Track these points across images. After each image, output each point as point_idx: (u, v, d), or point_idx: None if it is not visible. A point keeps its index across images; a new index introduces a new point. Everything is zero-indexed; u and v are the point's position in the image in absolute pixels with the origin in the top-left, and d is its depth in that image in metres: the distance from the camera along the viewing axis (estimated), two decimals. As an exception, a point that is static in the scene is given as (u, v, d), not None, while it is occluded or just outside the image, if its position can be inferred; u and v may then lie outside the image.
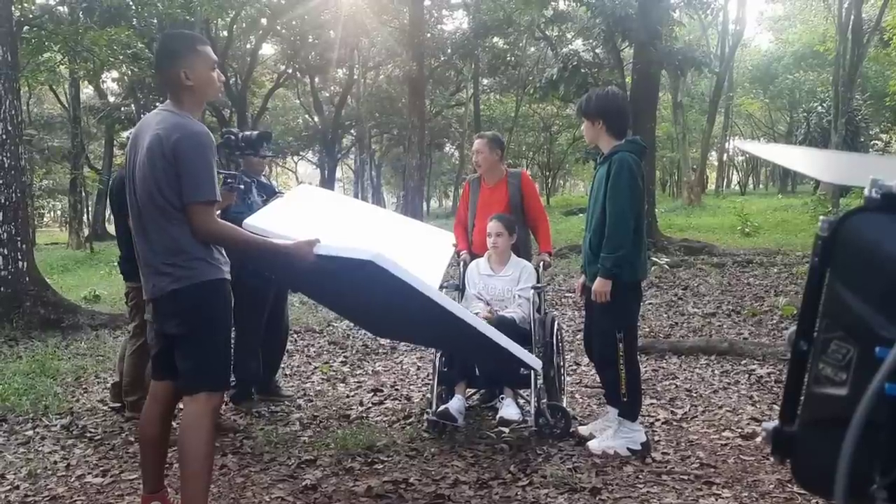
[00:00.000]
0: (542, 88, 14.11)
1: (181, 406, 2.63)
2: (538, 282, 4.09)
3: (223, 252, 2.57)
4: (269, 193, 4.20)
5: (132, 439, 3.73)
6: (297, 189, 3.98)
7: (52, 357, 5.65)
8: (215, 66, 2.62)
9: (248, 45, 22.20)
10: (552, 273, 8.85)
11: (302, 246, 2.53)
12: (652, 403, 4.30)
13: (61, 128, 24.58)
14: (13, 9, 7.96)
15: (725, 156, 38.48)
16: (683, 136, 26.50)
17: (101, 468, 3.42)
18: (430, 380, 4.05)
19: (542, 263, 4.25)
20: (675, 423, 3.94)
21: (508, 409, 3.66)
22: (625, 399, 3.48)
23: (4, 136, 6.70)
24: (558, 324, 4.15)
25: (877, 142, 28.37)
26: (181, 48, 2.55)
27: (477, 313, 3.50)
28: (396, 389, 4.82)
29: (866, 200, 0.89)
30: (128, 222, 3.42)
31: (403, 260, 2.61)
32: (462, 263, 4.34)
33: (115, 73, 19.84)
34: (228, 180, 3.49)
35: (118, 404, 4.24)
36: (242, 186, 3.78)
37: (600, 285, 3.41)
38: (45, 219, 41.92)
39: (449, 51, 22.76)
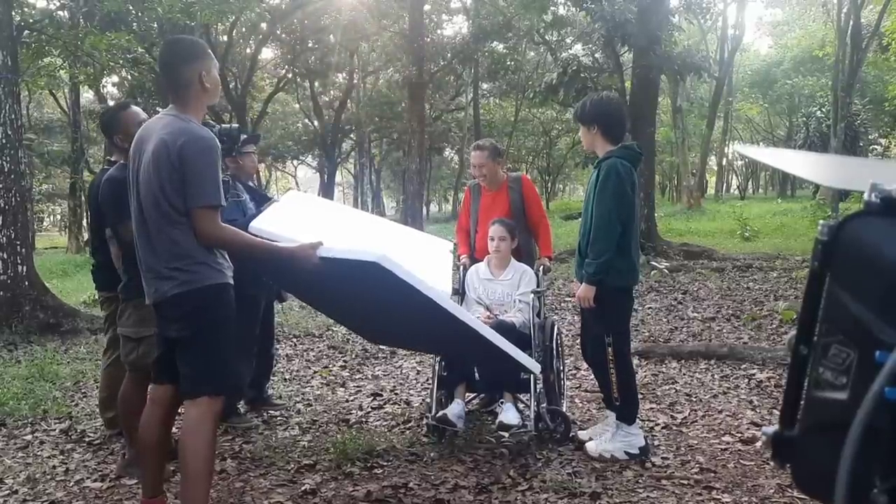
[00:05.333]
0: (542, 93, 14.16)
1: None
2: (538, 286, 4.09)
3: (226, 256, 2.58)
4: (261, 198, 4.13)
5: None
6: (290, 194, 3.96)
7: (51, 361, 5.63)
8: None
9: (248, 50, 22.23)
10: (552, 277, 8.85)
11: (305, 248, 2.54)
12: (652, 408, 4.30)
13: (61, 132, 24.58)
14: (13, 13, 7.97)
15: (725, 160, 38.56)
16: (683, 141, 26.54)
17: (100, 472, 3.41)
18: (429, 384, 4.04)
19: (541, 268, 4.25)
20: (674, 428, 3.94)
21: (508, 413, 3.65)
22: (618, 403, 3.51)
23: (4, 141, 6.71)
24: (558, 328, 4.15)
25: (876, 146, 28.43)
26: (197, 51, 2.58)
27: (477, 317, 3.50)
28: (396, 394, 4.82)
29: (866, 204, 0.89)
30: (105, 227, 3.40)
31: (406, 264, 2.61)
32: (462, 267, 4.33)
33: (115, 78, 19.85)
34: None
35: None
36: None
37: (584, 291, 3.45)
38: (44, 223, 41.98)
39: (449, 55, 22.81)
